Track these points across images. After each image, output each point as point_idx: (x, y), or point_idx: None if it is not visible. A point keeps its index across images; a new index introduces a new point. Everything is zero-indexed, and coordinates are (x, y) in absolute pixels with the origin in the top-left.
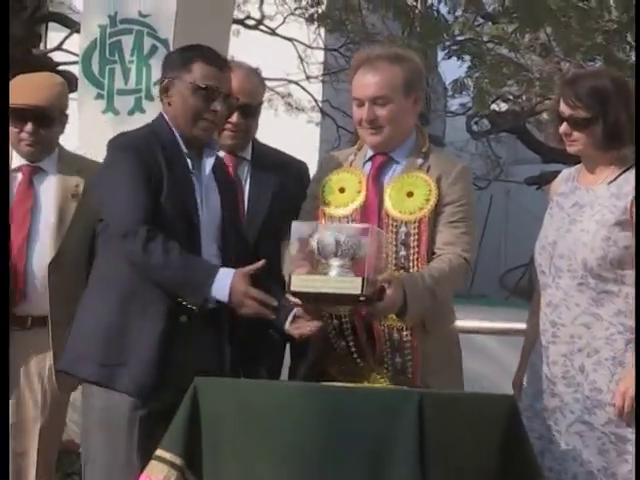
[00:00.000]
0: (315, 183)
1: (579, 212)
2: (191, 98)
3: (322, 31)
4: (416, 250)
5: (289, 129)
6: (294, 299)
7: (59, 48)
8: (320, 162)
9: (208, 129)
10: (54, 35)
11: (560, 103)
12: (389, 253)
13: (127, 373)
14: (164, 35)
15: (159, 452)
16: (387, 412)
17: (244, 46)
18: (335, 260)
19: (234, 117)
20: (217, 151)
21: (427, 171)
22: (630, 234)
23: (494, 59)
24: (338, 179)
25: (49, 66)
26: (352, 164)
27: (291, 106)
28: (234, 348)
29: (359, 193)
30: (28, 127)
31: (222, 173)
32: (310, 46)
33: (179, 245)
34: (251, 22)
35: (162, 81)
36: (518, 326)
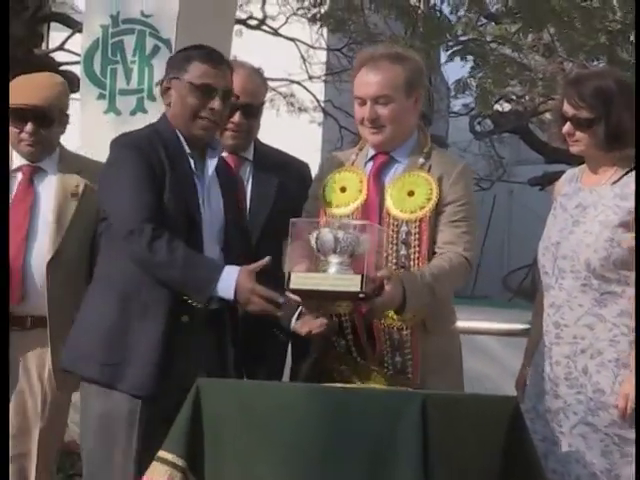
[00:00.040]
0: (316, 183)
1: (582, 213)
2: (188, 97)
3: (324, 31)
4: (417, 249)
5: (291, 129)
6: (293, 296)
7: (61, 48)
8: (322, 162)
9: (207, 128)
10: (56, 35)
11: (563, 103)
12: (390, 252)
13: (129, 373)
14: (166, 35)
15: (161, 453)
16: (390, 413)
17: (246, 46)
18: (334, 257)
19: (236, 117)
20: (220, 152)
21: (428, 170)
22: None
23: (497, 59)
24: (339, 178)
25: (51, 66)
26: (354, 163)
27: (293, 106)
28: (236, 349)
29: (360, 192)
30: (28, 127)
31: (225, 173)
32: (312, 46)
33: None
34: (253, 22)
35: (162, 82)
36: (521, 327)
